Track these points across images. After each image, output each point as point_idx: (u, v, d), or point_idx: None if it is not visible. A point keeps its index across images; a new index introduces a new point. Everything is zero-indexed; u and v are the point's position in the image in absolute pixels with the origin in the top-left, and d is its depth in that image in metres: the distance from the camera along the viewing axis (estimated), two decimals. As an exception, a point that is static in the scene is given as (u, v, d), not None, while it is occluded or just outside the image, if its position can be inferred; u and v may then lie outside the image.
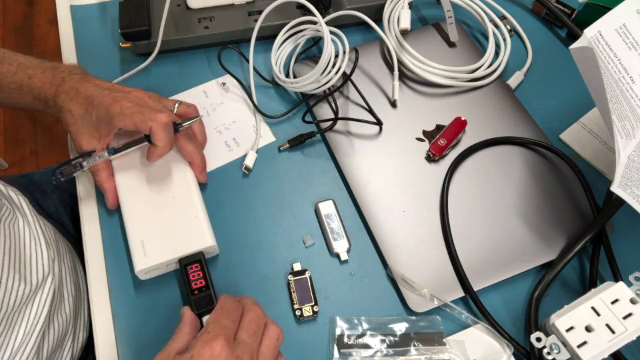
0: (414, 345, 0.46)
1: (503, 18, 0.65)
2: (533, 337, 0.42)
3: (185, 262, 0.47)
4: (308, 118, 0.57)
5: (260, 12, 0.61)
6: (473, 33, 0.67)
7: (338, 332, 0.46)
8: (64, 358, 0.53)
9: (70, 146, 0.57)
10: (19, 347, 0.46)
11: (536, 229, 0.51)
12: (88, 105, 0.48)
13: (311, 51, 0.63)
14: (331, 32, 0.57)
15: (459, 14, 0.66)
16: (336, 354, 0.45)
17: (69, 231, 0.65)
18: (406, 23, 0.61)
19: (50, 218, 0.64)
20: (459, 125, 0.57)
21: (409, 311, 0.48)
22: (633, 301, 0.42)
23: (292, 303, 0.48)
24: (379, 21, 0.63)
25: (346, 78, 0.57)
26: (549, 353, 0.41)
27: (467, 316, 0.47)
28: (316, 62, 0.56)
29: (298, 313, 0.47)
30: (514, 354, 0.46)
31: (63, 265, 0.54)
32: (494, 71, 0.61)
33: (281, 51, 0.62)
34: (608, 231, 0.51)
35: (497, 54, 0.63)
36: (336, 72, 0.55)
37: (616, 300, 0.42)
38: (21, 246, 0.49)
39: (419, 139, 0.57)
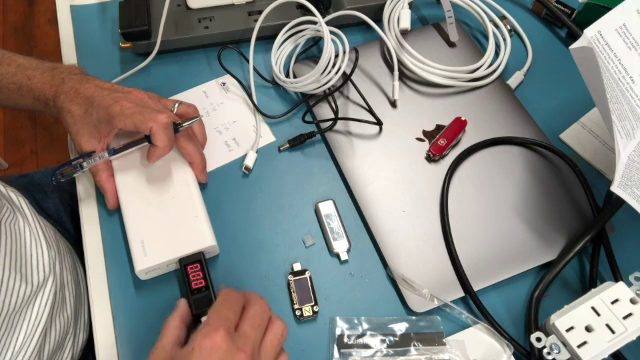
0: (414, 345, 0.46)
1: (503, 18, 0.65)
2: (533, 337, 0.42)
3: (185, 262, 0.47)
4: (308, 118, 0.57)
5: (260, 12, 0.61)
6: (473, 33, 0.67)
7: (338, 332, 0.46)
8: (64, 359, 0.53)
9: (70, 146, 0.57)
10: (20, 348, 0.46)
11: (536, 229, 0.51)
12: (88, 105, 0.48)
13: (311, 51, 0.63)
14: (331, 32, 0.57)
15: (459, 14, 0.66)
16: (336, 354, 0.45)
17: (69, 231, 0.65)
18: (406, 23, 0.61)
19: (50, 218, 0.64)
20: (459, 125, 0.57)
21: (409, 311, 0.48)
22: (633, 301, 0.42)
23: (292, 303, 0.48)
24: (379, 21, 0.63)
25: (346, 78, 0.57)
26: (549, 353, 0.41)
27: (467, 316, 0.47)
28: (316, 62, 0.56)
29: (298, 313, 0.47)
30: (514, 354, 0.46)
31: (64, 266, 0.54)
32: (494, 71, 0.61)
33: (281, 51, 0.62)
34: (608, 231, 0.51)
35: (497, 54, 0.63)
36: (336, 72, 0.55)
37: (616, 300, 0.42)
38: (22, 246, 0.49)
39: (419, 139, 0.57)
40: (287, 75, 0.61)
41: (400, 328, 0.47)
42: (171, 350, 0.38)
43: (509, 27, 0.65)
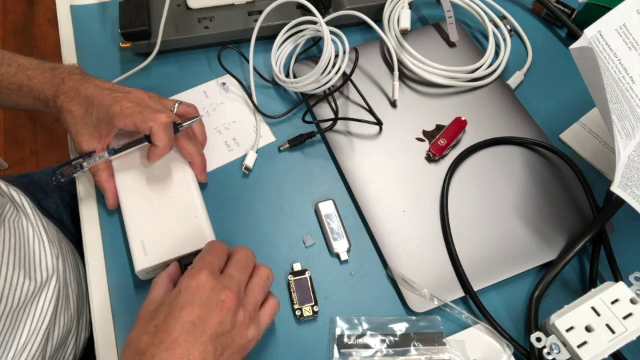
0: (414, 345, 0.46)
1: (503, 18, 0.65)
2: (533, 337, 0.42)
3: (185, 262, 0.47)
4: (308, 118, 0.57)
5: (260, 12, 0.61)
6: (473, 33, 0.67)
7: (338, 332, 0.46)
8: (67, 356, 0.53)
9: (70, 146, 0.57)
10: (25, 344, 0.46)
11: (536, 229, 0.51)
12: (88, 105, 0.49)
13: (311, 51, 0.63)
14: (331, 32, 0.57)
15: (459, 14, 0.66)
16: (336, 354, 0.45)
17: (70, 231, 0.65)
18: (406, 23, 0.61)
19: (51, 218, 0.64)
20: (459, 125, 0.57)
21: (409, 311, 0.48)
22: (633, 301, 0.42)
23: (292, 303, 0.48)
24: (379, 21, 0.63)
25: (346, 78, 0.57)
26: (549, 353, 0.41)
27: (467, 316, 0.47)
28: (316, 62, 0.56)
29: (298, 313, 0.47)
30: (514, 354, 0.46)
31: (67, 264, 0.54)
32: (494, 71, 0.61)
33: (281, 51, 0.62)
34: (608, 231, 0.51)
35: (497, 54, 0.63)
36: (336, 72, 0.55)
37: (616, 300, 0.42)
38: (25, 243, 0.49)
39: (419, 139, 0.57)
40: (287, 75, 0.61)
41: (400, 328, 0.47)
42: (160, 299, 0.39)
43: (509, 27, 0.65)
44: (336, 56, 0.56)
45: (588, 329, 0.42)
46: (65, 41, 0.65)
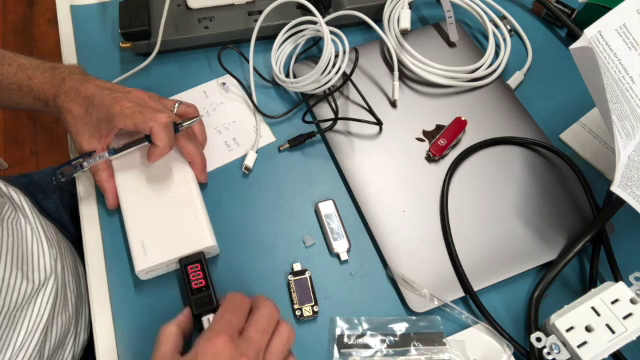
0: (414, 345, 0.46)
1: (503, 18, 0.65)
2: (533, 337, 0.42)
3: (185, 262, 0.47)
4: (308, 118, 0.57)
5: (260, 12, 0.61)
6: (473, 33, 0.67)
7: (338, 332, 0.46)
8: (66, 357, 0.53)
9: (70, 146, 0.57)
10: (21, 346, 0.46)
11: (536, 229, 0.51)
12: (88, 105, 0.49)
13: (311, 51, 0.63)
14: (331, 32, 0.57)
15: (459, 14, 0.66)
16: (336, 354, 0.45)
17: (69, 231, 0.65)
18: (406, 23, 0.61)
19: (51, 218, 0.64)
20: (459, 125, 0.57)
21: (409, 311, 0.48)
22: (633, 301, 0.42)
23: (292, 303, 0.48)
24: (379, 21, 0.63)
25: (346, 78, 0.57)
26: (549, 353, 0.41)
27: (467, 316, 0.47)
28: (316, 62, 0.56)
29: (298, 313, 0.47)
30: (514, 354, 0.46)
31: (65, 265, 0.54)
32: (494, 71, 0.61)
33: (281, 51, 0.62)
34: (608, 231, 0.51)
35: (497, 54, 0.63)
36: (336, 72, 0.55)
37: (616, 300, 0.42)
38: (23, 244, 0.49)
39: (419, 139, 0.57)
40: (287, 75, 0.61)
41: (400, 328, 0.47)
42: (171, 357, 0.38)
43: (509, 27, 0.65)
44: (336, 56, 0.56)
45: (588, 329, 0.42)
46: (65, 41, 0.65)
